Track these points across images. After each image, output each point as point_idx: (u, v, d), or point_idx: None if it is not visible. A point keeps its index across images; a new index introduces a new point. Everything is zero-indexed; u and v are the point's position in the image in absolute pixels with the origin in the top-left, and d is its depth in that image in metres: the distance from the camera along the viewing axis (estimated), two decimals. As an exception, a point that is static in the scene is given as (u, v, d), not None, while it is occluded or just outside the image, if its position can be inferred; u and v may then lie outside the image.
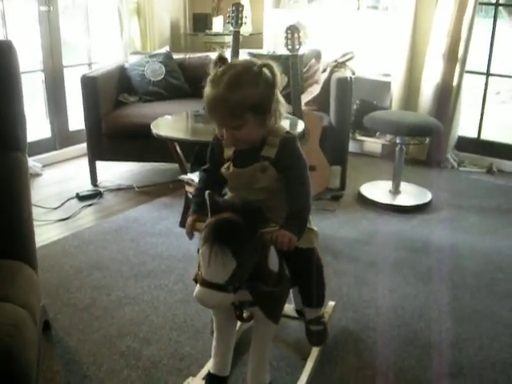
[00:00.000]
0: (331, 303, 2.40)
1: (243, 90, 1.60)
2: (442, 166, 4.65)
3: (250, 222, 1.47)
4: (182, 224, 3.23)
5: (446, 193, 4.01)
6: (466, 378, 2.06)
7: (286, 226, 1.60)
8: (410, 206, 3.71)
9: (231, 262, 1.41)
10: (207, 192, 1.52)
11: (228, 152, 1.76)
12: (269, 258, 1.62)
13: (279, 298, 1.74)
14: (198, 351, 2.18)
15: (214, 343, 1.86)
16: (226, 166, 1.76)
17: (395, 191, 3.89)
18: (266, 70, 1.64)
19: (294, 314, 2.21)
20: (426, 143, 4.34)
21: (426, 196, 3.84)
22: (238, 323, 1.98)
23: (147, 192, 3.92)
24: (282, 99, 1.70)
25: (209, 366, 1.92)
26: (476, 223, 3.50)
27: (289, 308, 2.16)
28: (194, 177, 2.91)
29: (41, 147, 4.45)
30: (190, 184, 2.94)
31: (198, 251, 1.48)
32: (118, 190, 3.95)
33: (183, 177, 3.01)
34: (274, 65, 1.67)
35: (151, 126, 3.10)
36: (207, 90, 1.64)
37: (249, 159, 1.71)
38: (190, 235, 1.72)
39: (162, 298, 2.57)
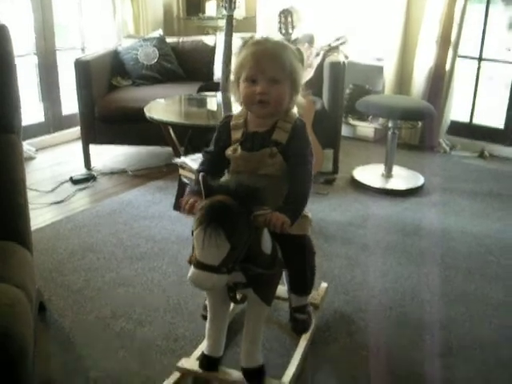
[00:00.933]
0: (324, 285, 2.42)
1: (289, 52, 1.69)
2: (435, 150, 4.67)
3: (244, 205, 1.48)
4: (176, 207, 3.25)
5: (439, 177, 4.03)
6: (456, 358, 2.10)
7: (282, 209, 1.61)
8: (403, 190, 3.73)
9: (225, 244, 1.42)
10: (201, 175, 1.51)
11: (236, 135, 1.76)
12: (262, 241, 1.64)
13: (272, 280, 1.76)
14: (192, 332, 2.20)
15: (207, 325, 1.88)
16: (232, 147, 1.75)
17: (387, 175, 3.91)
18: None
19: (287, 296, 2.23)
20: (418, 127, 4.35)
21: (418, 180, 3.87)
22: (232, 305, 2.00)
23: (141, 175, 3.93)
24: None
25: (202, 347, 1.94)
26: (468, 207, 3.53)
27: (281, 290, 2.17)
28: (188, 160, 2.92)
29: (34, 131, 4.44)
30: (183, 167, 2.95)
31: (192, 233, 1.49)
32: (112, 173, 3.96)
33: (177, 160, 3.02)
34: (302, 51, 1.77)
35: (145, 110, 3.11)
36: (249, 47, 1.70)
37: (258, 143, 1.73)
38: (189, 214, 1.62)
39: (156, 280, 2.59)
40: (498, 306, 2.44)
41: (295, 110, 1.86)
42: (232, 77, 1.78)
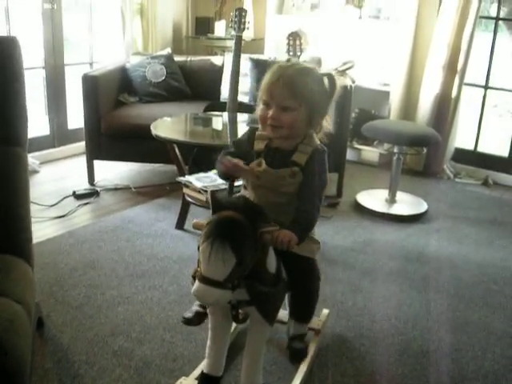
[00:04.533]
0: (325, 311, 2.40)
1: (309, 79, 1.71)
2: (439, 176, 4.67)
3: (252, 221, 1.49)
4: (179, 226, 3.24)
5: (442, 203, 4.02)
6: (458, 389, 2.07)
7: (289, 227, 1.62)
8: (406, 216, 3.72)
9: (231, 259, 1.42)
10: (210, 191, 1.59)
11: (259, 145, 1.80)
12: (267, 259, 1.63)
13: (275, 299, 1.75)
14: (191, 352, 2.18)
15: (208, 343, 1.86)
16: (257, 161, 1.76)
17: (391, 200, 3.90)
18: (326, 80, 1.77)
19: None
20: (423, 153, 4.33)
21: (421, 206, 3.86)
22: (234, 324, 1.98)
23: (144, 193, 3.92)
24: (329, 116, 1.82)
25: (201, 367, 1.92)
26: (471, 234, 3.51)
27: (283, 314, 2.15)
28: (192, 179, 2.92)
29: (39, 144, 4.44)
30: (187, 186, 2.94)
31: (199, 248, 1.48)
32: (115, 189, 3.95)
33: (181, 179, 3.01)
34: (336, 77, 1.78)
35: (151, 127, 3.10)
36: (271, 71, 1.72)
37: (279, 160, 1.75)
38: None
39: (156, 298, 2.56)
40: (501, 336, 2.41)
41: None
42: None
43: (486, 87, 4.69)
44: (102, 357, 2.13)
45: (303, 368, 2.05)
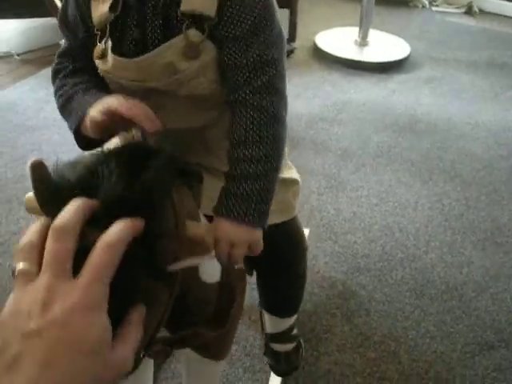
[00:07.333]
0: (305, 231, 1.59)
1: None
2: (411, 5, 3.77)
3: (148, 220, 0.50)
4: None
5: (424, 42, 3.15)
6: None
7: (230, 208, 0.71)
8: (386, 63, 2.83)
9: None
10: (32, 161, 0.49)
11: (99, 7, 0.74)
12: (200, 268, 0.76)
13: (225, 332, 0.89)
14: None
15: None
16: (98, 50, 0.76)
17: (363, 42, 3.00)
18: None
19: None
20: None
21: (402, 48, 2.97)
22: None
23: (32, 60, 2.80)
24: None
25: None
26: (469, 85, 2.69)
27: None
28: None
29: None
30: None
31: None
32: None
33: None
34: None
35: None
36: None
37: (153, 22, 0.72)
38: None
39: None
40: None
41: None
42: None
43: None
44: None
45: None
